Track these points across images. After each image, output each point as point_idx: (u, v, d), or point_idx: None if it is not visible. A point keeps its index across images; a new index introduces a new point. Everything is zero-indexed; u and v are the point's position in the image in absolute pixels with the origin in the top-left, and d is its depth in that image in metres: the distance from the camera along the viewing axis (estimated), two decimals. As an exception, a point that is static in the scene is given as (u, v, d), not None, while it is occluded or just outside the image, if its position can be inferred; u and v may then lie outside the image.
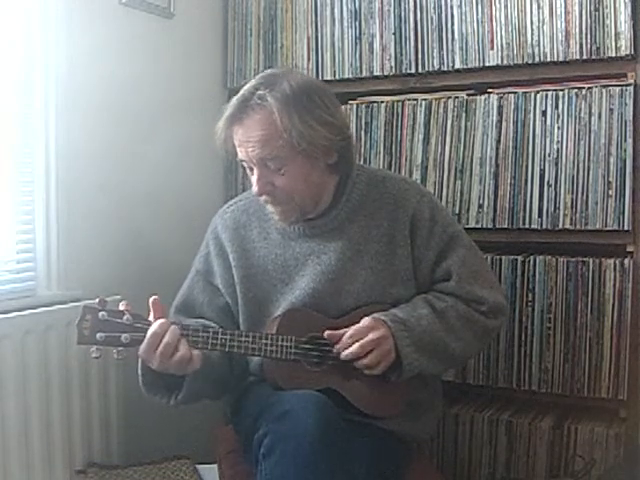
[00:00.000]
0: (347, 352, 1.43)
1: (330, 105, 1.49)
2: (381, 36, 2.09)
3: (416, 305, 1.53)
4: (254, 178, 1.48)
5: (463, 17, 1.97)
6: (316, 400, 1.33)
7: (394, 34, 2.07)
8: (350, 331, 1.44)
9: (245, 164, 1.51)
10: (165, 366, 1.37)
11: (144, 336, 1.36)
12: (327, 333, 1.46)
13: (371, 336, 1.43)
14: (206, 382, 1.48)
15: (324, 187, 1.55)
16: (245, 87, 1.48)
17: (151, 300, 1.41)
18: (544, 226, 1.89)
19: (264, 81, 1.47)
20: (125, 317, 1.37)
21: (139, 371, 1.45)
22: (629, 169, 1.79)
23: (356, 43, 2.13)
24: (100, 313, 1.36)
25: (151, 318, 1.39)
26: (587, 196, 1.84)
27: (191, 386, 1.44)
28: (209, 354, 1.46)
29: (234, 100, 1.47)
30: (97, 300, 1.38)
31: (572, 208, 1.85)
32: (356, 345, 1.43)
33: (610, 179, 1.81)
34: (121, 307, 1.39)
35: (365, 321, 1.46)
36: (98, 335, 1.35)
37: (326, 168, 1.53)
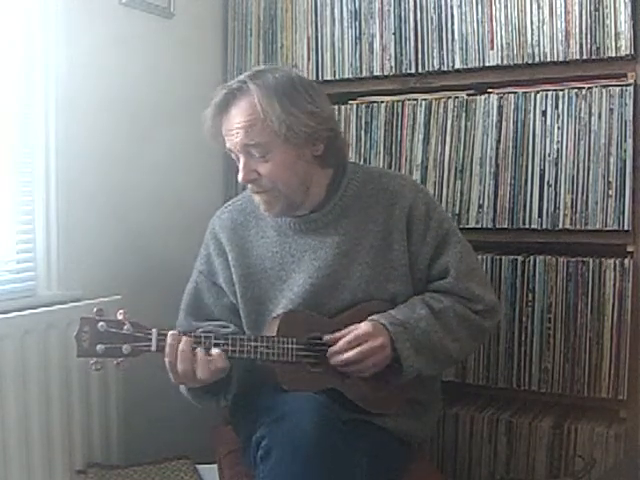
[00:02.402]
0: (343, 357, 1.44)
1: (315, 96, 1.52)
2: (381, 36, 2.09)
3: (414, 306, 1.53)
4: (240, 166, 1.51)
5: (463, 17, 1.97)
6: (314, 402, 1.33)
7: (394, 34, 2.07)
8: (349, 336, 1.45)
9: (233, 154, 1.53)
10: (192, 376, 1.37)
11: (146, 345, 1.35)
12: (326, 338, 1.47)
13: (369, 344, 1.44)
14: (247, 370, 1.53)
15: (312, 179, 1.55)
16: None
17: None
18: (544, 226, 1.89)
19: (249, 74, 1.52)
20: (125, 327, 1.34)
21: (183, 388, 1.48)
22: (629, 169, 1.79)
23: (356, 43, 2.13)
24: (99, 324, 1.33)
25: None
26: (587, 196, 1.84)
27: (238, 378, 1.48)
28: None
29: (219, 90, 1.52)
30: (95, 310, 1.35)
31: (572, 208, 1.85)
32: (353, 352, 1.44)
33: (610, 179, 1.81)
34: (119, 316, 1.36)
35: (365, 326, 1.46)
36: (98, 347, 1.32)
37: (313, 160, 1.54)
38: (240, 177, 1.51)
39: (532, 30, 1.89)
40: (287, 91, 1.47)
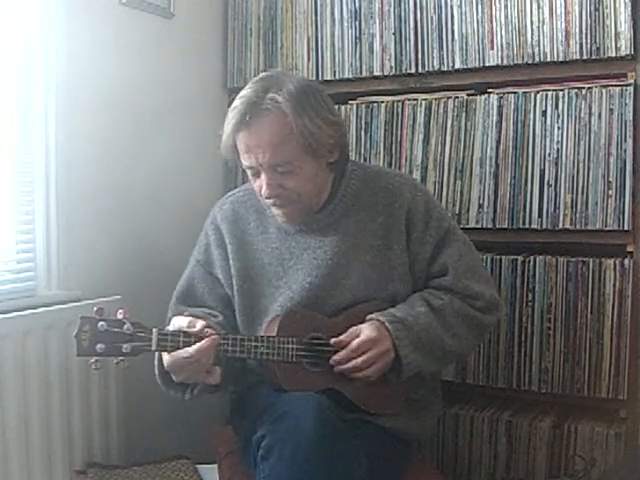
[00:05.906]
0: (349, 366, 1.45)
1: (329, 103, 1.51)
2: (381, 36, 2.09)
3: (413, 303, 1.53)
4: (263, 181, 1.46)
5: (463, 17, 1.97)
6: (314, 402, 1.33)
7: (394, 34, 2.07)
8: (354, 344, 1.45)
9: (250, 170, 1.49)
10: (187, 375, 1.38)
11: (146, 344, 1.35)
12: (333, 341, 1.46)
13: (375, 351, 1.45)
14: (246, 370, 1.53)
15: (325, 185, 1.56)
16: (247, 91, 1.45)
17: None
18: (544, 226, 1.89)
19: (268, 84, 1.44)
20: (125, 326, 1.34)
21: (155, 362, 1.46)
22: (629, 169, 1.79)
23: (356, 43, 2.13)
24: (99, 323, 1.33)
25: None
26: (587, 196, 1.84)
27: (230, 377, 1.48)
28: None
29: (239, 105, 1.43)
30: (95, 309, 1.35)
31: (572, 208, 1.85)
32: (359, 360, 1.44)
33: (610, 179, 1.81)
34: (119, 315, 1.36)
35: (369, 332, 1.46)
36: (98, 346, 1.32)
37: (327, 166, 1.54)
38: (265, 193, 1.47)
39: (532, 30, 1.88)
40: (312, 102, 1.44)
